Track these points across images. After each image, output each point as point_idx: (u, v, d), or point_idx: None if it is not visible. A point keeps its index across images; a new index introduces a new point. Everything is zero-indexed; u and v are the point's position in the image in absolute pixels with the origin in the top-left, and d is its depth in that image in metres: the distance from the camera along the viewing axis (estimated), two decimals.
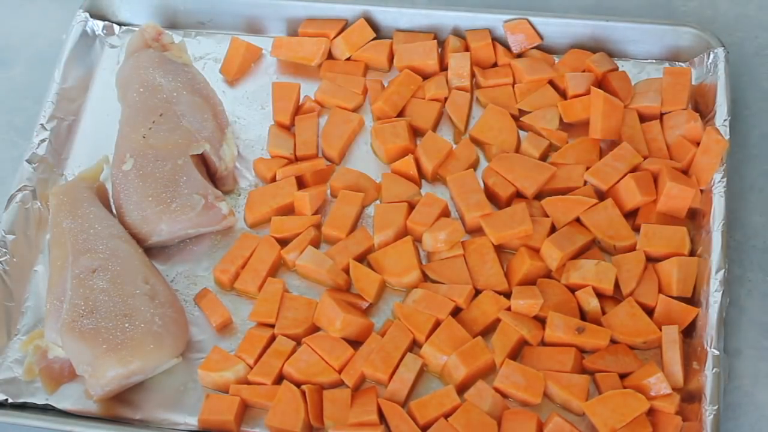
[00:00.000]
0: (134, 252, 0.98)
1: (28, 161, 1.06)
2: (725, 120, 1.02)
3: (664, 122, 1.05)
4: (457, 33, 1.14)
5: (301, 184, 1.05)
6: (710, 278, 0.93)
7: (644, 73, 1.11)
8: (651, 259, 0.97)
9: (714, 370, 0.87)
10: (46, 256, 1.02)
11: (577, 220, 0.99)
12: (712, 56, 1.07)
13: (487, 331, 0.95)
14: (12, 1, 1.26)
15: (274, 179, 1.06)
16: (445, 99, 1.09)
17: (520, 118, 1.07)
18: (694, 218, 1.00)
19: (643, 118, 1.05)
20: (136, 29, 1.14)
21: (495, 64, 1.12)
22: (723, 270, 0.92)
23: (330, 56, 1.14)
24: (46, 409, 0.94)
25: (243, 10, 1.17)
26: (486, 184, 1.03)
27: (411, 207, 1.01)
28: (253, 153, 1.09)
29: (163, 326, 0.92)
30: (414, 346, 0.95)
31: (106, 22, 1.18)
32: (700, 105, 1.07)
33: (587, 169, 1.02)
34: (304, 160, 1.07)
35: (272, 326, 0.96)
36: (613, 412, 0.87)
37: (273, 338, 0.96)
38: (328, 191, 1.05)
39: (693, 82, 1.08)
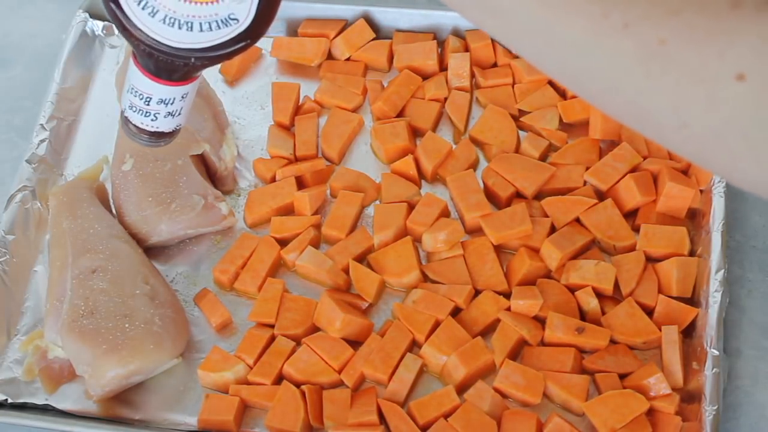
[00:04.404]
0: (134, 252, 0.98)
1: (28, 161, 1.06)
2: None
3: None
4: (457, 33, 1.14)
5: (300, 184, 1.05)
6: (710, 278, 0.92)
7: None
8: (651, 259, 0.97)
9: (714, 370, 0.87)
10: (46, 256, 1.02)
11: (577, 220, 0.99)
12: None
13: (487, 331, 0.95)
14: (11, 1, 1.26)
15: (273, 179, 1.06)
16: (445, 99, 1.09)
17: (520, 118, 1.07)
18: (694, 218, 1.00)
19: None
20: None
21: (495, 64, 1.12)
22: (723, 270, 0.92)
23: (330, 56, 1.15)
24: (46, 409, 0.94)
25: None
26: (486, 185, 1.03)
27: (411, 207, 1.01)
28: (253, 153, 1.09)
29: (163, 327, 0.92)
30: (414, 346, 0.95)
31: (106, 23, 1.18)
32: None
33: (587, 169, 1.02)
34: (304, 161, 1.07)
35: (272, 326, 0.96)
36: (613, 413, 0.87)
37: (273, 338, 0.96)
38: (328, 191, 1.05)
39: None
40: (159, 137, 0.72)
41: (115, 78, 1.11)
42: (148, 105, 0.69)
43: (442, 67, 1.12)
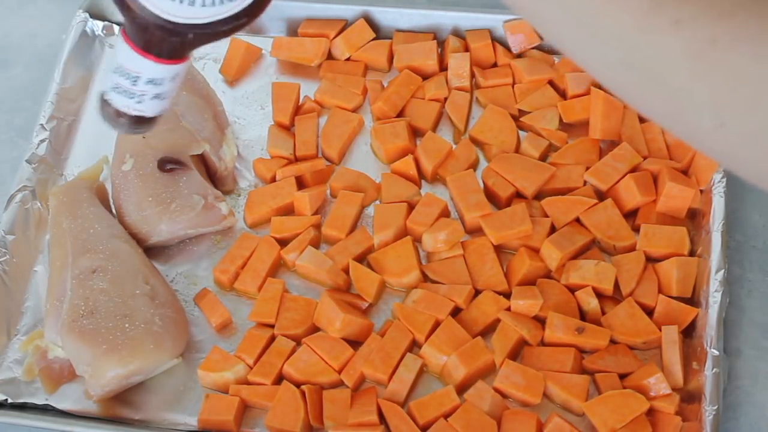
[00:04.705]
0: (134, 252, 0.98)
1: (28, 161, 1.06)
2: None
3: None
4: (457, 33, 1.14)
5: (300, 184, 1.05)
6: (710, 278, 0.92)
7: None
8: (651, 259, 0.97)
9: (714, 370, 0.87)
10: (46, 256, 1.02)
11: (577, 220, 0.99)
12: None
13: (487, 331, 0.94)
14: (12, 1, 1.26)
15: (274, 179, 1.06)
16: (445, 99, 1.09)
17: (520, 118, 1.07)
18: (694, 218, 1.00)
19: (642, 118, 1.05)
20: None
21: (495, 65, 1.12)
22: (723, 270, 0.92)
23: (330, 56, 1.14)
24: (46, 409, 0.94)
25: None
26: (486, 184, 1.03)
27: (411, 207, 1.01)
28: (253, 153, 1.09)
29: (163, 326, 0.92)
30: (414, 346, 0.95)
31: (106, 23, 1.18)
32: None
33: (587, 169, 1.02)
34: (304, 161, 1.07)
35: (272, 326, 0.96)
36: (613, 413, 0.87)
37: (273, 338, 0.96)
38: (328, 191, 1.05)
39: None
40: (139, 123, 0.68)
41: None
42: (135, 85, 0.65)
43: (442, 67, 1.12)
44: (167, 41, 0.63)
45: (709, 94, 0.49)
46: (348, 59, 1.14)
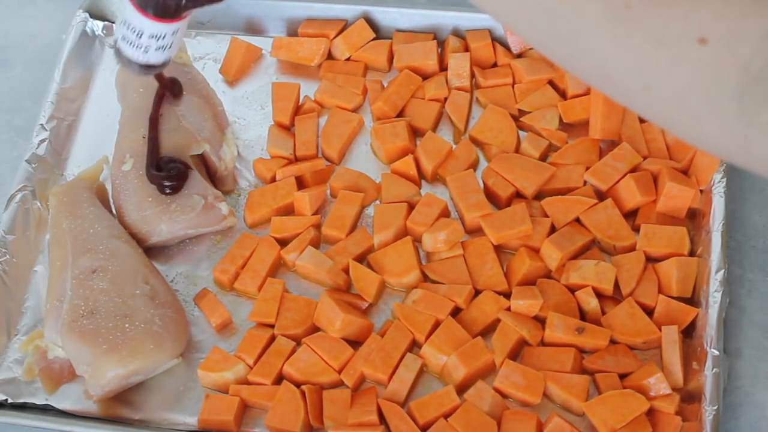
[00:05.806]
0: (134, 252, 0.98)
1: (28, 161, 1.06)
2: None
3: None
4: (457, 33, 1.14)
5: (300, 184, 1.05)
6: (710, 278, 0.92)
7: None
8: (651, 259, 0.97)
9: (714, 370, 0.87)
10: (46, 256, 1.02)
11: (577, 220, 0.99)
12: None
13: (487, 331, 0.95)
14: (11, 1, 1.26)
15: (274, 179, 1.06)
16: (445, 99, 1.09)
17: (520, 118, 1.07)
18: (694, 218, 1.00)
19: (642, 119, 1.05)
20: None
21: (495, 64, 1.12)
22: (723, 270, 0.92)
23: (330, 56, 1.15)
24: (46, 409, 0.94)
25: (243, 10, 1.17)
26: (486, 185, 1.03)
27: (411, 207, 1.01)
28: (253, 153, 1.09)
29: (163, 327, 0.92)
30: (414, 346, 0.95)
31: (106, 22, 1.18)
32: None
33: (587, 169, 1.02)
34: (304, 161, 1.07)
35: (272, 326, 0.96)
36: (613, 413, 0.87)
37: (273, 338, 0.96)
38: (328, 191, 1.05)
39: None
40: (149, 68, 0.75)
41: (115, 78, 1.11)
42: (140, 39, 0.71)
43: (442, 67, 1.12)
44: (164, 4, 0.68)
45: (632, 58, 0.50)
46: (348, 59, 1.14)
